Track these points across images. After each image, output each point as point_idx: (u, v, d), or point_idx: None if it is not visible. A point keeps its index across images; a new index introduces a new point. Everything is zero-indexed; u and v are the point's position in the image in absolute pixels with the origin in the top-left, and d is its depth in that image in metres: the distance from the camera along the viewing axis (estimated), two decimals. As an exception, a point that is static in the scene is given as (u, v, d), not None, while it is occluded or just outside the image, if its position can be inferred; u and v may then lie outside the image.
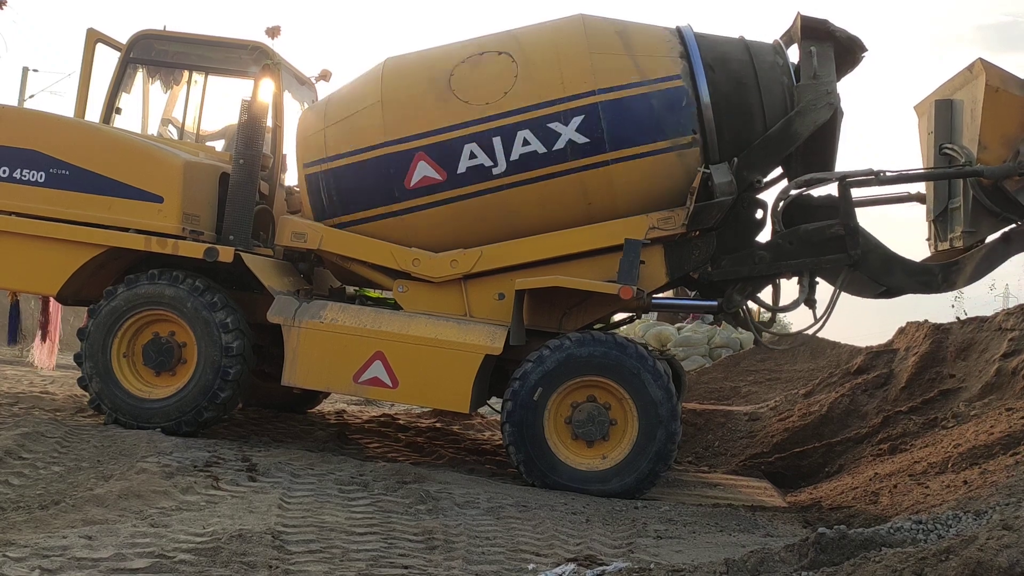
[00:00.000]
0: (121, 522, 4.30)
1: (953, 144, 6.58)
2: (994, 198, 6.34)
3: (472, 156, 6.43)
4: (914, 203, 7.14)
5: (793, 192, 6.54)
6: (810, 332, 6.85)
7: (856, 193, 6.57)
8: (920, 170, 6.74)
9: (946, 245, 6.82)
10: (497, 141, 6.40)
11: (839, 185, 6.44)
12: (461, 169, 6.46)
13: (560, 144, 6.36)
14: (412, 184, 6.53)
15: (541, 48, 6.55)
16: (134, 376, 6.75)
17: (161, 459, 5.60)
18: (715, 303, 6.80)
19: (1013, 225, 6.49)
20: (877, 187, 6.63)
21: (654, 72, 6.40)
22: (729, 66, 6.56)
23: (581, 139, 6.34)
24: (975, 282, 6.55)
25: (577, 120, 6.33)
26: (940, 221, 6.87)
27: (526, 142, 6.38)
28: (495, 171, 6.43)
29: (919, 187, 7.05)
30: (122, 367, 6.72)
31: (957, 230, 6.60)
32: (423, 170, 6.51)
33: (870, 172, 6.46)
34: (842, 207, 6.44)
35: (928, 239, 7.15)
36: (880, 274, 6.57)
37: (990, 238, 6.57)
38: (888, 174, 6.51)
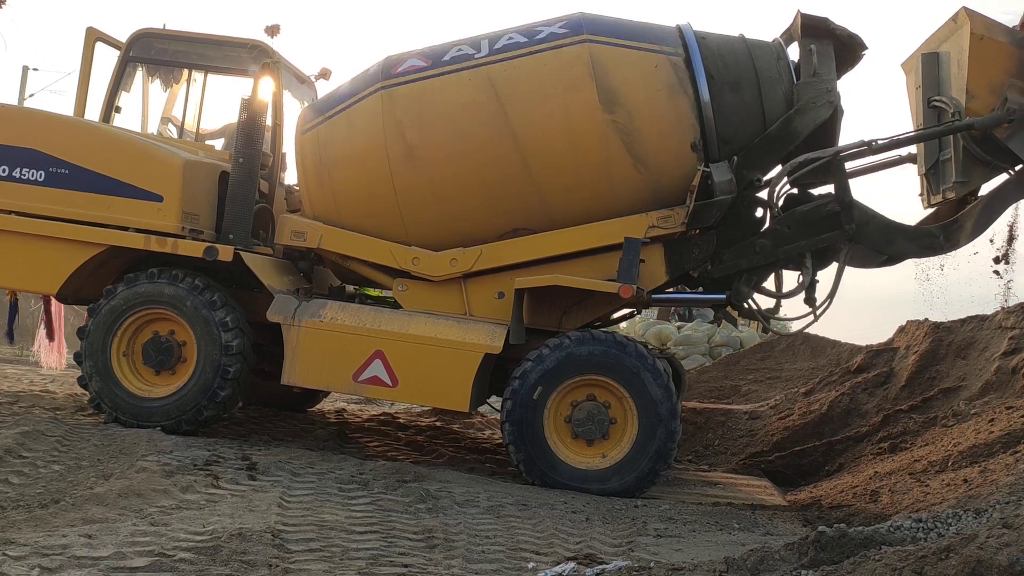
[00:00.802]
0: (121, 521, 4.30)
1: (942, 96, 6.57)
2: (985, 147, 6.34)
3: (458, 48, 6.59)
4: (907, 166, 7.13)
5: (788, 175, 6.48)
6: (818, 312, 6.77)
7: (849, 165, 6.58)
8: (911, 132, 6.72)
9: (939, 197, 6.81)
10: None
11: (833, 161, 6.40)
12: (446, 58, 6.60)
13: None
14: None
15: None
16: (134, 375, 6.76)
17: (161, 458, 5.60)
18: (723, 296, 6.80)
19: (1007, 175, 6.49)
20: (870, 156, 6.62)
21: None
22: (729, 64, 6.55)
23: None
24: (976, 238, 6.54)
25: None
26: (932, 174, 6.87)
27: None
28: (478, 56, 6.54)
29: (909, 147, 7.03)
30: (122, 366, 6.72)
31: (949, 181, 6.59)
32: None
33: (863, 143, 6.46)
34: (836, 182, 6.43)
35: (921, 194, 7.13)
36: (881, 244, 6.55)
37: (984, 190, 6.57)
38: (880, 142, 6.51)
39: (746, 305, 6.90)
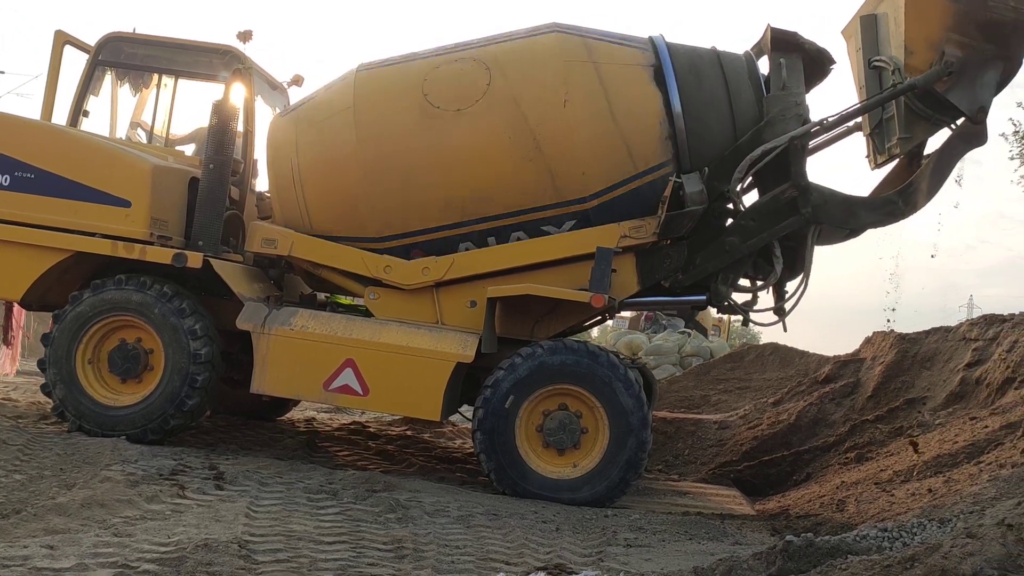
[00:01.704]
0: (84, 531, 4.22)
1: (881, 56, 6.68)
2: (925, 102, 6.47)
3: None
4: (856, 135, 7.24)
5: (750, 168, 6.47)
6: (797, 299, 6.82)
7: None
8: (858, 104, 6.80)
9: (884, 156, 6.92)
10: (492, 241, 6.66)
11: (789, 147, 6.41)
12: None
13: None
14: None
15: None
16: (99, 383, 6.65)
17: (126, 467, 5.51)
18: (703, 297, 6.85)
19: (950, 132, 6.60)
20: (823, 135, 6.76)
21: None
22: (700, 76, 6.61)
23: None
24: (934, 196, 6.62)
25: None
26: (877, 134, 6.98)
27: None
28: None
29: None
30: (87, 373, 6.62)
31: (893, 138, 6.71)
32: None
33: (815, 124, 6.54)
34: (793, 168, 6.47)
35: (867, 156, 7.23)
36: (845, 219, 6.65)
37: (931, 149, 6.71)
38: (831, 119, 6.63)
39: (726, 303, 6.96)
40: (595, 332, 23.64)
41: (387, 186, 6.58)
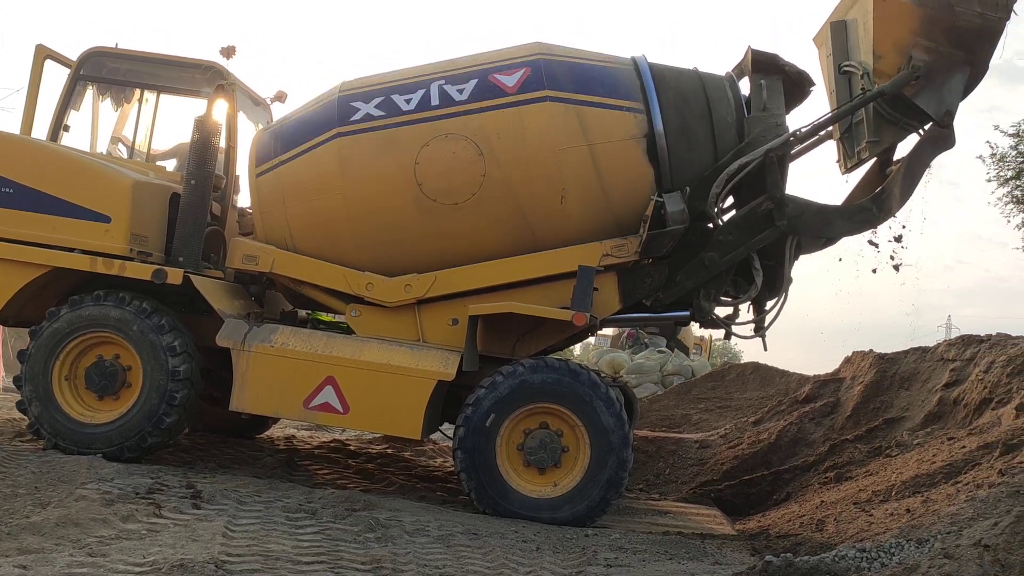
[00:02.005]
0: (58, 551, 4.16)
1: (851, 61, 6.78)
2: (894, 106, 6.56)
3: None
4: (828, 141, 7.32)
5: (727, 182, 6.52)
6: (777, 310, 6.87)
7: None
8: (830, 113, 6.88)
9: (855, 160, 7.01)
10: None
11: (765, 159, 6.46)
12: None
13: None
14: None
15: None
16: (76, 400, 6.58)
17: (101, 486, 5.44)
18: (686, 313, 6.87)
19: (919, 136, 6.69)
20: (797, 145, 6.81)
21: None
22: (682, 97, 6.67)
23: None
24: (907, 200, 6.70)
25: None
26: (847, 138, 7.07)
27: None
28: None
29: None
30: (63, 391, 6.54)
31: (863, 141, 6.80)
32: None
33: (788, 135, 6.59)
34: (769, 180, 6.51)
35: (838, 160, 7.32)
36: (821, 229, 6.71)
37: (901, 154, 6.80)
38: (804, 129, 6.71)
39: (709, 318, 6.97)
40: (577, 350, 23.70)
41: (381, 257, 6.66)
